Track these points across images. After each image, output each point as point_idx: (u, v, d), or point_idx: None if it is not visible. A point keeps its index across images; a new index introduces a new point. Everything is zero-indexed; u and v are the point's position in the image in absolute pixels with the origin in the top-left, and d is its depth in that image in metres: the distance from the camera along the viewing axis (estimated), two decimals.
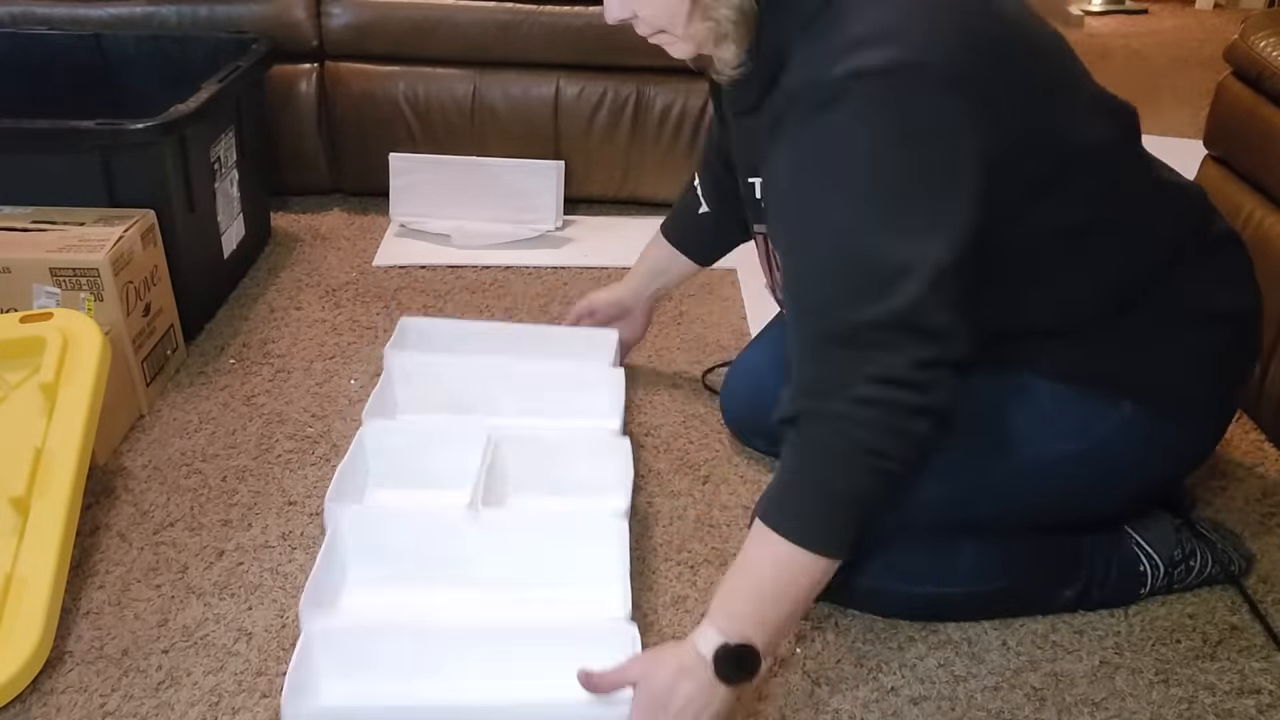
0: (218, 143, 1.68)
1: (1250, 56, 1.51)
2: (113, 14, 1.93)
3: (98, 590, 1.17)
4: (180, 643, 1.11)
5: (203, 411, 1.48)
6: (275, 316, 1.73)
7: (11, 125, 1.50)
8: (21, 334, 1.28)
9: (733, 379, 1.44)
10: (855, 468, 0.90)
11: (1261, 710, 1.06)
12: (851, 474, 0.91)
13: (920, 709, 1.05)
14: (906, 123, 0.89)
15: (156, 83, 1.76)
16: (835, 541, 0.92)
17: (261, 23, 1.93)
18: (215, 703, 1.04)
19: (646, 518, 1.30)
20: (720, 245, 1.47)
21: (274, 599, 1.17)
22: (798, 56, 0.94)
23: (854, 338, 0.90)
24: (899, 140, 0.89)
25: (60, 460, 1.16)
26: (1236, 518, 1.31)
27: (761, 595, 0.93)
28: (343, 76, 2.02)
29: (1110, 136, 1.03)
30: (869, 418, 0.89)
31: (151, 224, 1.48)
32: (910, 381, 0.89)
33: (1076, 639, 1.14)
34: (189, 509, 1.30)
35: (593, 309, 1.52)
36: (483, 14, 1.96)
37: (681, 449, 1.43)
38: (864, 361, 0.89)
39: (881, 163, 0.89)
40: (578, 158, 2.04)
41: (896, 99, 0.88)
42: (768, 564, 0.93)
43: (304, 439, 1.43)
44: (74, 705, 1.04)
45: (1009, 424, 1.08)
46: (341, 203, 2.13)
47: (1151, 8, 3.79)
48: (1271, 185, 1.49)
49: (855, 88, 0.88)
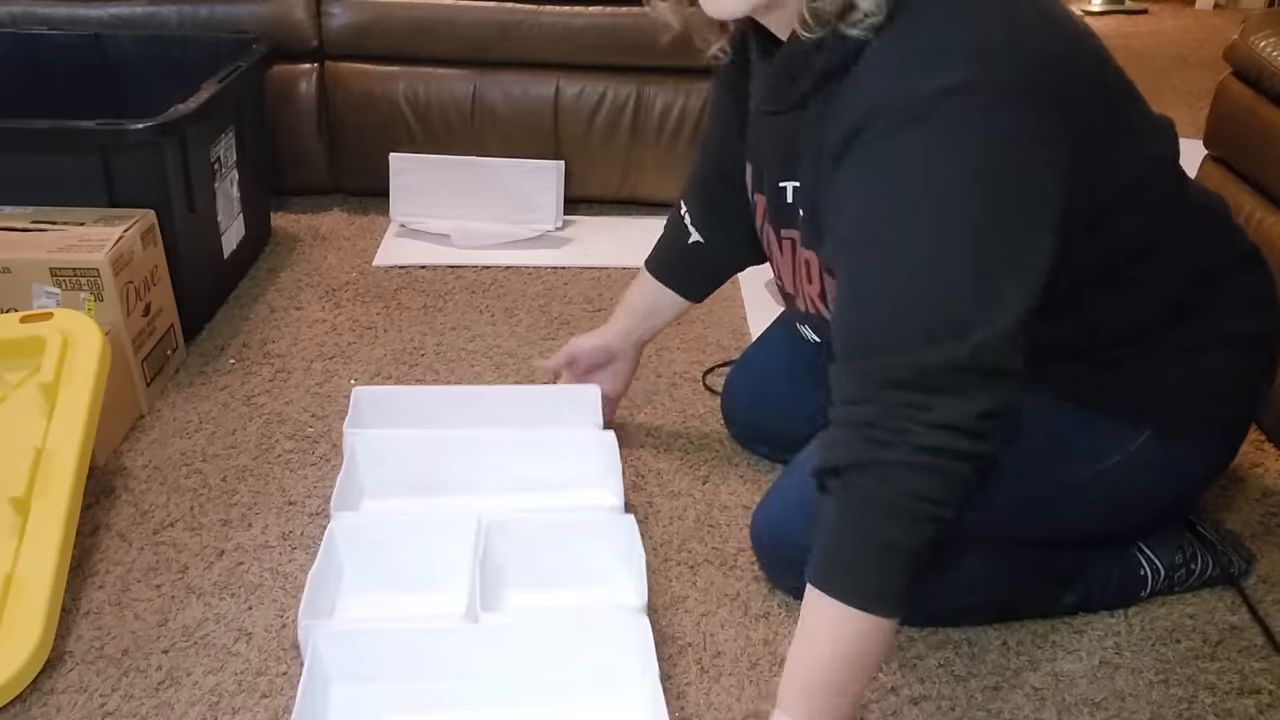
0: (218, 143, 1.68)
1: (1250, 56, 1.51)
2: (113, 14, 1.93)
3: (98, 590, 1.17)
4: (180, 643, 1.11)
5: (203, 411, 1.48)
6: (275, 316, 1.73)
7: (11, 125, 1.50)
8: (21, 334, 1.28)
9: (734, 383, 1.42)
10: (911, 518, 0.83)
11: (1261, 710, 1.06)
12: (907, 525, 0.83)
13: (920, 709, 1.05)
14: (1002, 148, 0.81)
15: (156, 83, 1.77)
16: (896, 601, 0.85)
17: (261, 23, 1.93)
18: (215, 703, 1.04)
19: (647, 518, 1.30)
20: (714, 277, 1.36)
21: (274, 599, 1.17)
22: (876, 59, 0.84)
23: (920, 381, 0.82)
24: (993, 167, 0.81)
25: (60, 460, 1.16)
26: (1236, 518, 1.31)
27: (833, 674, 0.86)
28: (343, 76, 2.02)
29: (1164, 153, 0.99)
30: (926, 464, 0.82)
31: (151, 224, 1.48)
32: (974, 431, 0.82)
33: (1076, 639, 1.14)
34: (189, 509, 1.30)
35: (574, 356, 1.38)
36: (483, 14, 1.96)
37: (681, 449, 1.43)
38: (928, 407, 0.82)
39: (973, 192, 0.82)
40: (578, 158, 2.04)
41: (992, 120, 0.81)
42: (834, 639, 0.86)
43: (304, 439, 1.43)
44: (74, 705, 1.04)
45: (1028, 448, 0.98)
46: (341, 203, 2.13)
47: (1151, 8, 3.79)
48: (1271, 185, 1.49)
49: (947, 106, 0.80)
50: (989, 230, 0.82)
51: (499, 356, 1.63)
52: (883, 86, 0.83)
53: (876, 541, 0.84)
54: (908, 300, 0.83)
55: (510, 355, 1.63)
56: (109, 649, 1.10)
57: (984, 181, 0.81)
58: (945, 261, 0.82)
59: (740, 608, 1.16)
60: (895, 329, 0.83)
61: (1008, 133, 0.81)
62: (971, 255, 0.82)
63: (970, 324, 0.81)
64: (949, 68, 0.80)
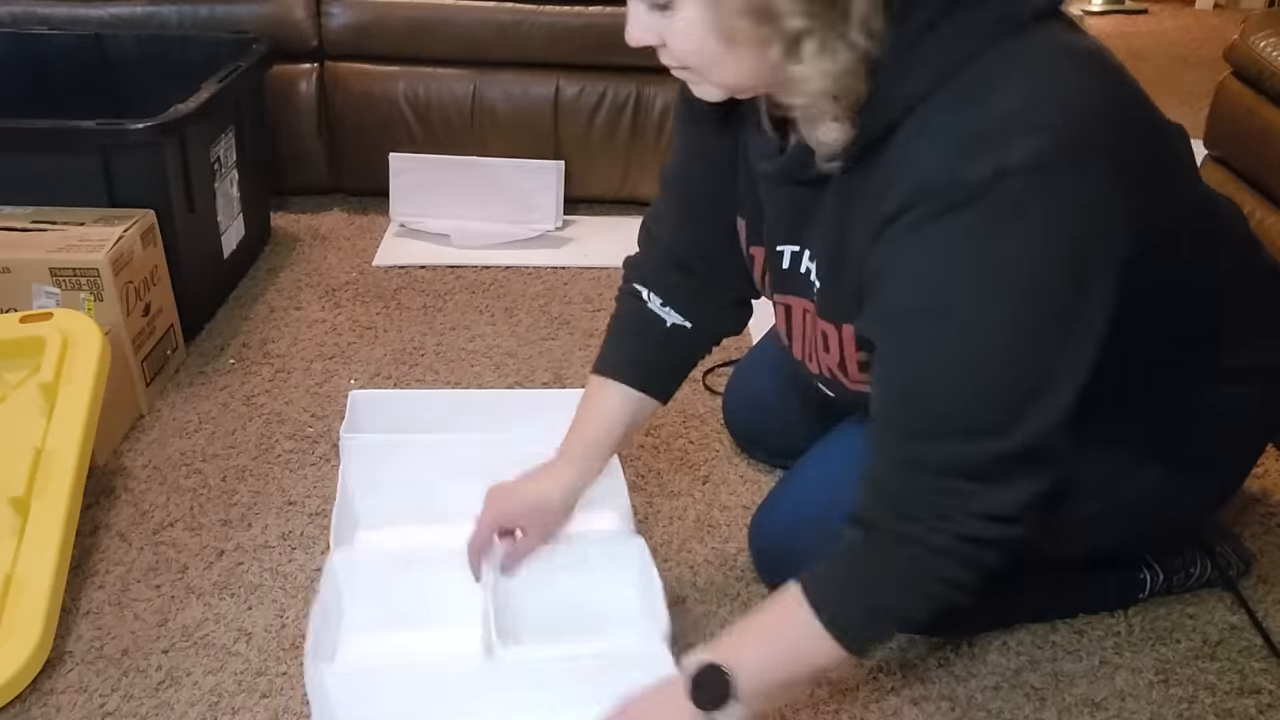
0: (218, 143, 1.68)
1: (1250, 56, 1.52)
2: (113, 14, 1.93)
3: (98, 590, 1.17)
4: (180, 643, 1.11)
5: (202, 411, 1.48)
6: (275, 316, 1.73)
7: (11, 125, 1.50)
8: (21, 334, 1.28)
9: (734, 387, 1.42)
10: (926, 595, 0.84)
11: (1261, 710, 1.06)
12: (915, 596, 0.84)
13: (920, 709, 1.05)
14: (1062, 230, 0.76)
15: (156, 83, 1.76)
16: (863, 642, 0.86)
17: (261, 23, 1.93)
18: (215, 703, 1.04)
19: (647, 518, 1.30)
20: (689, 365, 1.15)
21: (274, 599, 1.17)
22: (923, 129, 0.77)
23: (967, 469, 0.80)
24: (1053, 252, 0.76)
25: (60, 460, 1.16)
26: (1236, 518, 1.31)
27: (770, 653, 0.87)
28: (343, 76, 2.02)
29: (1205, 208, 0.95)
30: (958, 552, 0.81)
31: (151, 224, 1.48)
32: (1014, 518, 0.81)
33: (1076, 639, 1.14)
34: (189, 509, 1.30)
35: (501, 519, 1.07)
36: (483, 14, 1.96)
37: (681, 449, 1.43)
38: (972, 495, 0.80)
39: (1032, 277, 0.76)
40: (578, 158, 2.04)
41: (1049, 203, 0.74)
42: (787, 630, 0.86)
43: (304, 439, 1.43)
44: (74, 705, 1.04)
45: None
46: (341, 203, 2.13)
47: (1151, 8, 3.79)
48: (1271, 185, 1.49)
49: (1005, 188, 0.73)
50: (1049, 319, 0.78)
51: (499, 356, 1.63)
52: (931, 165, 0.76)
53: (882, 600, 0.85)
54: (962, 390, 0.80)
55: (510, 355, 1.63)
56: (109, 649, 1.10)
57: (1044, 266, 0.76)
58: (1003, 352, 0.78)
59: (740, 608, 1.16)
60: (947, 416, 0.80)
61: (1066, 215, 0.75)
62: (1030, 344, 0.78)
63: (1025, 416, 0.78)
64: (1003, 146, 0.74)
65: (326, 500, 1.31)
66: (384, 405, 1.34)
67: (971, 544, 0.81)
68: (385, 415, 1.32)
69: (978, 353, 0.78)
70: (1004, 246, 0.75)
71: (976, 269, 0.76)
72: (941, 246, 0.77)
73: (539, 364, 1.61)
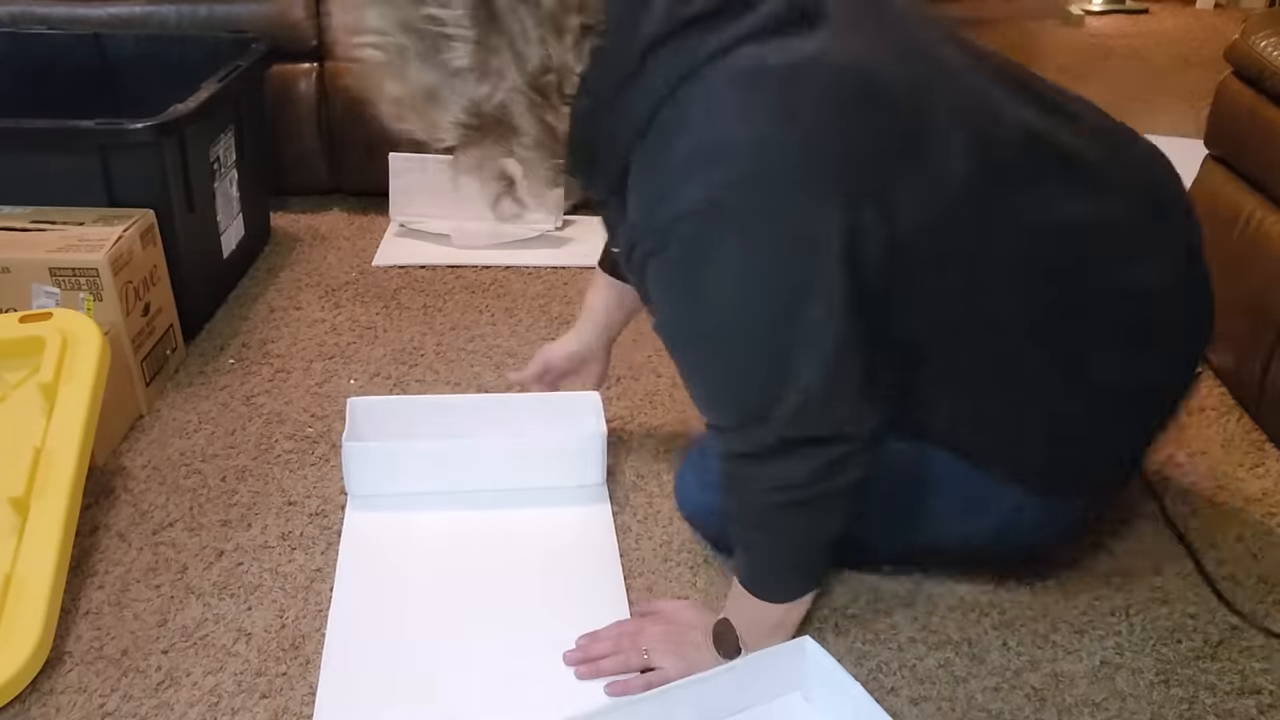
0: (217, 143, 1.68)
1: (1251, 56, 1.51)
2: (113, 14, 1.93)
3: (97, 590, 1.17)
4: (180, 643, 1.11)
5: (202, 411, 1.48)
6: (275, 316, 1.73)
7: (11, 125, 1.50)
8: (21, 334, 1.28)
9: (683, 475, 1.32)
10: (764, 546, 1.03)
11: (1262, 710, 1.06)
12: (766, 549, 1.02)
13: (920, 709, 1.05)
14: (750, 248, 0.85)
15: (156, 83, 1.76)
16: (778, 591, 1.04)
17: (261, 23, 1.93)
18: (215, 703, 1.04)
19: (647, 518, 1.30)
20: None
21: (274, 599, 1.17)
22: (636, 175, 0.89)
23: (752, 452, 0.95)
24: (747, 267, 0.86)
25: (60, 460, 1.16)
26: (1237, 518, 1.31)
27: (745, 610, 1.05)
28: (343, 76, 2.02)
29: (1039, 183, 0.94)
30: (769, 514, 0.99)
31: (151, 224, 1.48)
32: (811, 482, 0.94)
33: (1076, 639, 1.13)
34: (189, 509, 1.30)
35: (547, 366, 1.39)
36: None
37: (681, 449, 1.43)
38: (766, 473, 0.95)
39: (736, 293, 0.88)
40: None
41: (729, 230, 0.85)
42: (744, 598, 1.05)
43: (304, 439, 1.43)
44: (73, 705, 1.03)
45: (911, 496, 1.09)
46: (341, 203, 2.13)
47: (1151, 8, 3.79)
48: (1272, 185, 1.49)
49: (682, 230, 0.85)
50: (764, 324, 0.89)
51: (499, 356, 1.63)
52: (635, 215, 0.90)
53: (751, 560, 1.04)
54: (715, 391, 0.96)
55: (510, 355, 1.63)
56: (108, 649, 1.10)
57: (742, 284, 0.87)
58: (732, 358, 0.92)
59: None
60: (714, 416, 0.97)
61: (746, 235, 0.85)
62: (758, 349, 0.90)
63: (776, 403, 0.90)
64: (675, 196, 0.85)
65: (326, 500, 1.32)
66: (382, 411, 1.36)
67: (774, 509, 0.97)
68: (384, 422, 1.35)
69: (714, 361, 0.93)
70: (702, 274, 0.87)
71: (689, 296, 0.89)
72: (660, 279, 0.91)
73: None
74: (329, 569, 1.21)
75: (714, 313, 0.89)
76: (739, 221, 0.84)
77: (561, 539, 1.25)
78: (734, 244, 0.85)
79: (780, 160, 0.83)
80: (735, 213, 0.84)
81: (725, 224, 0.84)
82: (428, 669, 1.07)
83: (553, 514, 1.29)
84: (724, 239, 0.85)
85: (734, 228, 0.84)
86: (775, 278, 0.86)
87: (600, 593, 1.17)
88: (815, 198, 0.84)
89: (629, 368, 1.60)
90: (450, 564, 1.21)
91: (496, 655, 1.09)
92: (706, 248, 0.85)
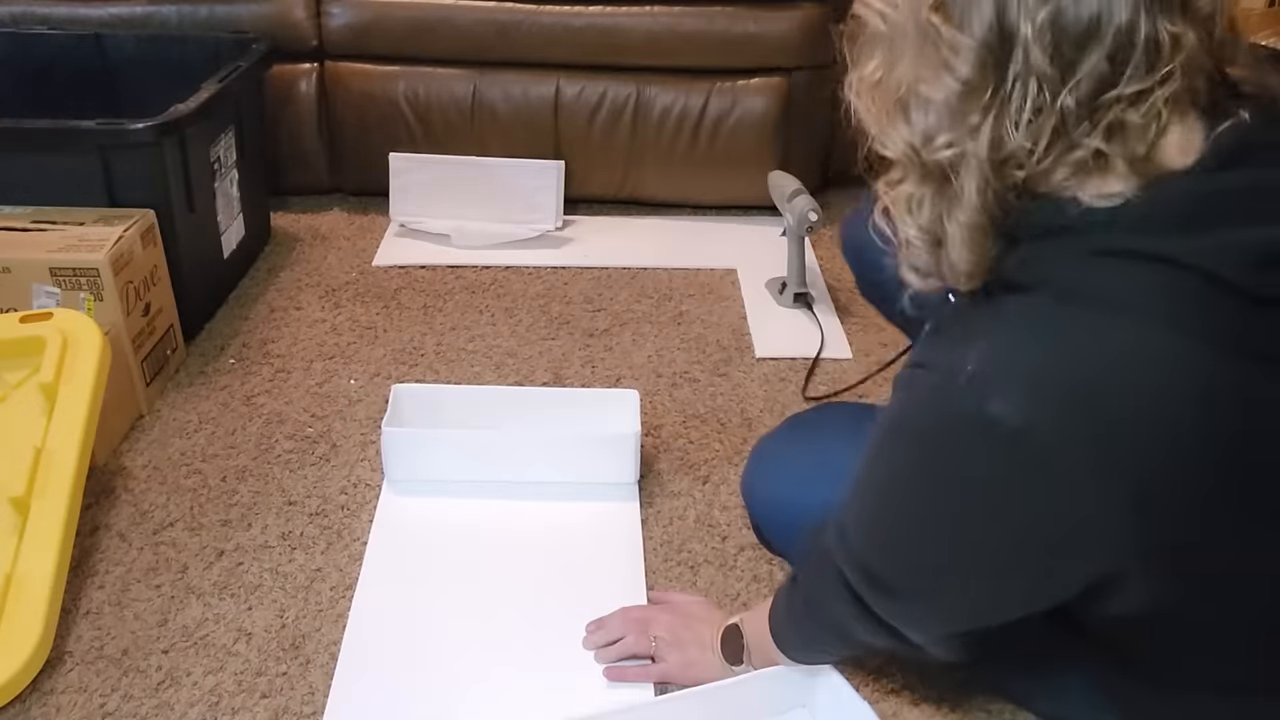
0: (218, 143, 1.68)
1: None
2: (113, 14, 1.93)
3: (98, 590, 1.17)
4: (180, 643, 1.11)
5: (202, 411, 1.48)
6: (275, 316, 1.73)
7: (11, 125, 1.50)
8: (21, 334, 1.28)
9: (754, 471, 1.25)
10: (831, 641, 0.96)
11: None
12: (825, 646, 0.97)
13: (920, 709, 1.05)
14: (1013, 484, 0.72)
15: (156, 83, 1.76)
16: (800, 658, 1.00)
17: (261, 23, 1.93)
18: (215, 703, 1.04)
19: (647, 518, 1.30)
20: None
21: (274, 599, 1.17)
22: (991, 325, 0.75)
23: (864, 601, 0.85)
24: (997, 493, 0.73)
25: (60, 460, 1.16)
26: None
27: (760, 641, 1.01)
28: (343, 76, 2.02)
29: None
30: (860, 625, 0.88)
31: (151, 224, 1.48)
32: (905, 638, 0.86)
33: None
34: (189, 509, 1.30)
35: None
36: (483, 14, 1.96)
37: (681, 449, 1.43)
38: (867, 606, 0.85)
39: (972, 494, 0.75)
40: (578, 158, 2.04)
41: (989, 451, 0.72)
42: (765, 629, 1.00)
43: (304, 439, 1.43)
44: (74, 705, 1.04)
45: None
46: (341, 203, 2.13)
47: None
48: None
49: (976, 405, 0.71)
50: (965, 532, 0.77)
51: (499, 356, 1.63)
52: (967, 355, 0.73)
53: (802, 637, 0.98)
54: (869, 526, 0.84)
55: (510, 355, 1.63)
56: (109, 649, 1.10)
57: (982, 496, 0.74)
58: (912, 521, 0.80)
59: (740, 608, 1.16)
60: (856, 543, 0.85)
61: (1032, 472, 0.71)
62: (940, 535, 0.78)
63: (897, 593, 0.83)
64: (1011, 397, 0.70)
65: (326, 500, 1.32)
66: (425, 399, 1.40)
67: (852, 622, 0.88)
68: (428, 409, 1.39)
69: (891, 507, 0.81)
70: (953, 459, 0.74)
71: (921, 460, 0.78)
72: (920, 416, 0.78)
73: (539, 364, 1.61)
74: (329, 569, 1.21)
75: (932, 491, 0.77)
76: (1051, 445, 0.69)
77: (587, 534, 1.27)
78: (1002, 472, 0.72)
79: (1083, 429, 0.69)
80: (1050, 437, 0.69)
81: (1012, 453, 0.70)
82: (444, 650, 1.11)
83: (582, 508, 1.30)
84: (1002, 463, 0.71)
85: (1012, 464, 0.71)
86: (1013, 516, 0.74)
87: (619, 590, 1.18)
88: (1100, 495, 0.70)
89: (630, 367, 1.60)
90: (475, 553, 1.24)
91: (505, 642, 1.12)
92: (985, 453, 0.72)
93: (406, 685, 1.06)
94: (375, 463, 1.38)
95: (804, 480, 1.12)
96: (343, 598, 1.17)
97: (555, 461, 1.32)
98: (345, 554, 1.23)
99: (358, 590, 1.18)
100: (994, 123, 0.69)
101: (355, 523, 1.28)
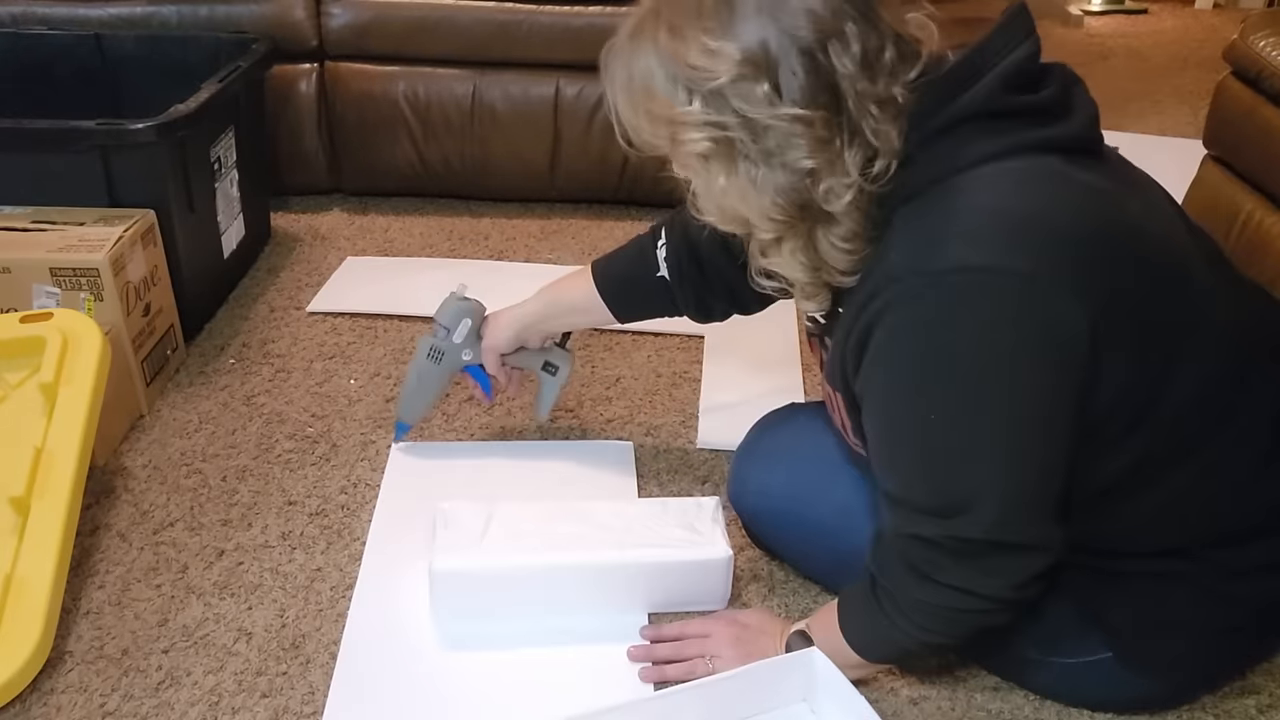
0: (218, 143, 1.68)
1: (1250, 56, 1.52)
2: (113, 14, 1.93)
3: (98, 590, 1.17)
4: (180, 643, 1.11)
5: (203, 411, 1.48)
6: (275, 316, 1.73)
7: (11, 125, 1.49)
8: (21, 334, 1.28)
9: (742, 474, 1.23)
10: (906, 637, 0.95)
11: (1261, 710, 1.06)
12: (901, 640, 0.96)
13: (920, 709, 1.05)
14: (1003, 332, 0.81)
15: (156, 83, 1.76)
16: (878, 659, 1.03)
17: (261, 23, 1.93)
18: (215, 703, 1.04)
19: None
20: (661, 313, 1.27)
21: (274, 599, 1.17)
22: (906, 224, 0.85)
23: (944, 544, 0.88)
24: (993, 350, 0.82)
25: (60, 460, 1.16)
26: None
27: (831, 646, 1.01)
28: (343, 76, 2.02)
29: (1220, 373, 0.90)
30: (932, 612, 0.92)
31: (151, 224, 1.48)
32: (985, 595, 0.89)
33: None
34: (189, 509, 1.30)
35: (496, 350, 1.30)
36: (483, 14, 1.96)
37: (681, 449, 1.43)
38: (947, 569, 0.89)
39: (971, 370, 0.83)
40: (578, 158, 2.04)
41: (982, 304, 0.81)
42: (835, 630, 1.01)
43: (304, 439, 1.43)
44: (74, 705, 1.04)
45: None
46: (341, 203, 2.13)
47: (1151, 8, 3.79)
48: (1271, 185, 1.49)
49: (949, 282, 0.81)
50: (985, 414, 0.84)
51: None
52: (896, 260, 0.84)
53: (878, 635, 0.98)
54: (912, 470, 0.89)
55: None
56: (109, 649, 1.10)
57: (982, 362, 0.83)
58: (943, 433, 0.86)
59: (740, 608, 1.16)
60: (914, 497, 0.90)
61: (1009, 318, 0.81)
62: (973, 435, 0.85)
63: (971, 502, 0.86)
64: (969, 249, 0.80)
65: (326, 500, 1.32)
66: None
67: (942, 610, 0.92)
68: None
69: (926, 433, 0.86)
70: (947, 335, 0.82)
71: (927, 353, 0.84)
72: (899, 331, 0.84)
73: None
74: (329, 568, 1.21)
75: (946, 380, 0.84)
76: (1011, 294, 0.80)
77: None
78: (997, 313, 0.81)
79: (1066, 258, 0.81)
80: (1012, 284, 0.80)
81: (998, 292, 0.80)
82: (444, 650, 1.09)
83: None
84: (989, 305, 0.81)
85: (1002, 298, 0.80)
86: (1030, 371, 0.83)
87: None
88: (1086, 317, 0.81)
89: (630, 367, 1.60)
90: None
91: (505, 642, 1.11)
92: (968, 308, 0.81)
93: (406, 685, 1.06)
94: (375, 463, 1.38)
95: (790, 475, 1.15)
96: (343, 598, 1.17)
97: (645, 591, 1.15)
98: (345, 554, 1.23)
99: (358, 590, 1.18)
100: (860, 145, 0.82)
101: (355, 522, 1.28)
